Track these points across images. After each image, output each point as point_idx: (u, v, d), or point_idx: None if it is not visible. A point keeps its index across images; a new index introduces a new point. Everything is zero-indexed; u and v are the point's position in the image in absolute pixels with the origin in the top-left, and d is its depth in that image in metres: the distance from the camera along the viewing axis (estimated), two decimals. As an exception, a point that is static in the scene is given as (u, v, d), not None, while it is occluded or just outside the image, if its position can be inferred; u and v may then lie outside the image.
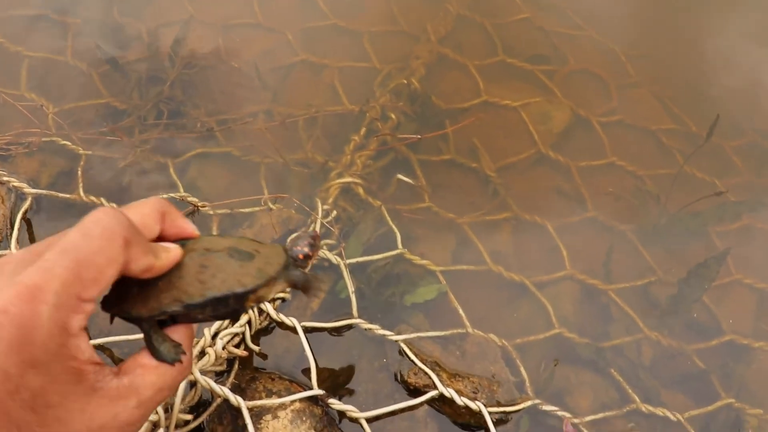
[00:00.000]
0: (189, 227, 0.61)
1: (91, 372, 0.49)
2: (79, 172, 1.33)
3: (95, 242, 0.49)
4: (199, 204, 1.29)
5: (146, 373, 0.54)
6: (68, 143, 1.37)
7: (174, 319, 0.59)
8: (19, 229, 1.23)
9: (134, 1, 1.74)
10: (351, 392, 1.13)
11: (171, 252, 0.58)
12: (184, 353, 0.58)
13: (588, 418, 1.14)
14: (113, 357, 1.10)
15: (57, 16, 1.64)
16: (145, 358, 0.56)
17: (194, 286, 0.59)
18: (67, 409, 0.48)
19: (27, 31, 1.61)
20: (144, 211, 0.57)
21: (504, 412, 1.12)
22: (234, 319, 1.09)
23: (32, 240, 1.24)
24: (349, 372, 1.15)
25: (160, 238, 0.59)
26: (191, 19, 1.68)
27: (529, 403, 1.13)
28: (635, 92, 1.73)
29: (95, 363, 0.50)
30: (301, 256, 0.69)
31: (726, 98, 1.75)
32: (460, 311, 1.23)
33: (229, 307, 0.61)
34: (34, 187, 1.29)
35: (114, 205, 1.26)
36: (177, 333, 0.59)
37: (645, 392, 1.21)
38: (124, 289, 0.58)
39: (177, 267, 0.59)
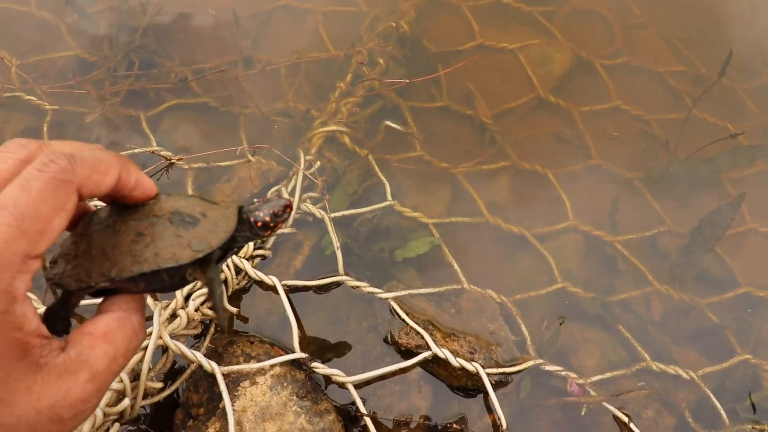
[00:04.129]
0: (148, 182, 0.55)
1: (36, 346, 0.44)
2: (45, 129, 1.25)
3: (36, 193, 0.43)
4: (173, 158, 1.20)
5: (95, 342, 0.49)
6: (33, 98, 1.29)
7: (115, 289, 0.54)
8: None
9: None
10: (338, 355, 1.05)
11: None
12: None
13: (594, 378, 1.06)
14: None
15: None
16: (92, 326, 0.50)
17: (126, 258, 0.52)
18: (12, 388, 0.43)
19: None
20: (99, 155, 0.49)
21: (504, 374, 1.04)
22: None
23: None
24: (335, 333, 1.07)
25: (112, 196, 0.53)
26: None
27: (530, 363, 1.05)
28: (641, 33, 1.63)
29: (42, 336, 0.45)
30: (259, 224, 0.60)
31: (737, 38, 1.65)
32: (455, 266, 1.14)
33: (164, 281, 0.55)
34: (-6, 144, 1.20)
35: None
36: (117, 302, 0.53)
37: (655, 349, 1.13)
38: (65, 252, 0.54)
39: (114, 233, 0.53)
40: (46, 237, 0.44)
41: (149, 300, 0.96)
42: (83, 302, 1.00)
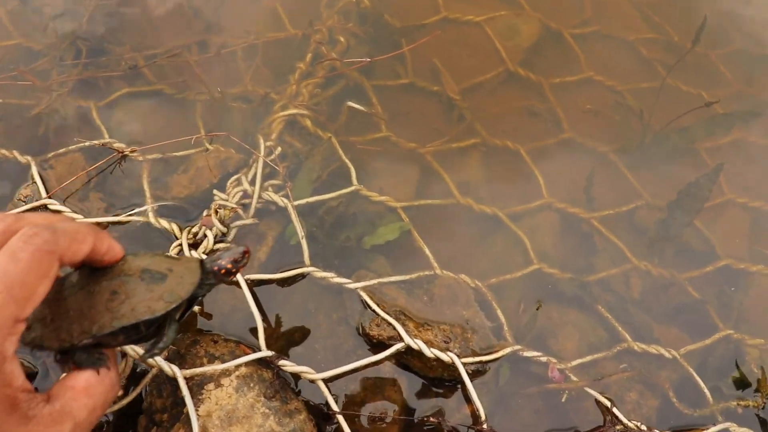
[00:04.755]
0: (117, 246, 0.62)
1: (24, 400, 0.49)
2: (-12, 123, 1.18)
3: (24, 264, 0.48)
4: (126, 150, 1.14)
5: (77, 395, 0.55)
6: (-28, 92, 1.22)
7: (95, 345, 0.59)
8: None
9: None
10: (308, 350, 1.00)
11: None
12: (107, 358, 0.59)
13: (575, 363, 1.02)
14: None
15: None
16: (73, 380, 0.56)
17: (104, 315, 0.58)
18: None
19: None
20: (77, 226, 0.56)
21: (480, 362, 0.99)
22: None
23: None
24: (304, 328, 1.02)
25: (84, 262, 0.59)
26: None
27: (508, 350, 1.01)
28: (611, 0, 1.58)
29: (27, 390, 0.50)
30: (222, 271, 0.69)
31: (709, 3, 1.60)
32: (426, 251, 1.09)
33: (141, 333, 0.62)
34: (-67, 143, 1.13)
35: (29, 158, 1.12)
36: None
37: (636, 329, 1.10)
38: (39, 317, 0.58)
39: (89, 294, 0.59)
40: (32, 302, 0.49)
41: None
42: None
